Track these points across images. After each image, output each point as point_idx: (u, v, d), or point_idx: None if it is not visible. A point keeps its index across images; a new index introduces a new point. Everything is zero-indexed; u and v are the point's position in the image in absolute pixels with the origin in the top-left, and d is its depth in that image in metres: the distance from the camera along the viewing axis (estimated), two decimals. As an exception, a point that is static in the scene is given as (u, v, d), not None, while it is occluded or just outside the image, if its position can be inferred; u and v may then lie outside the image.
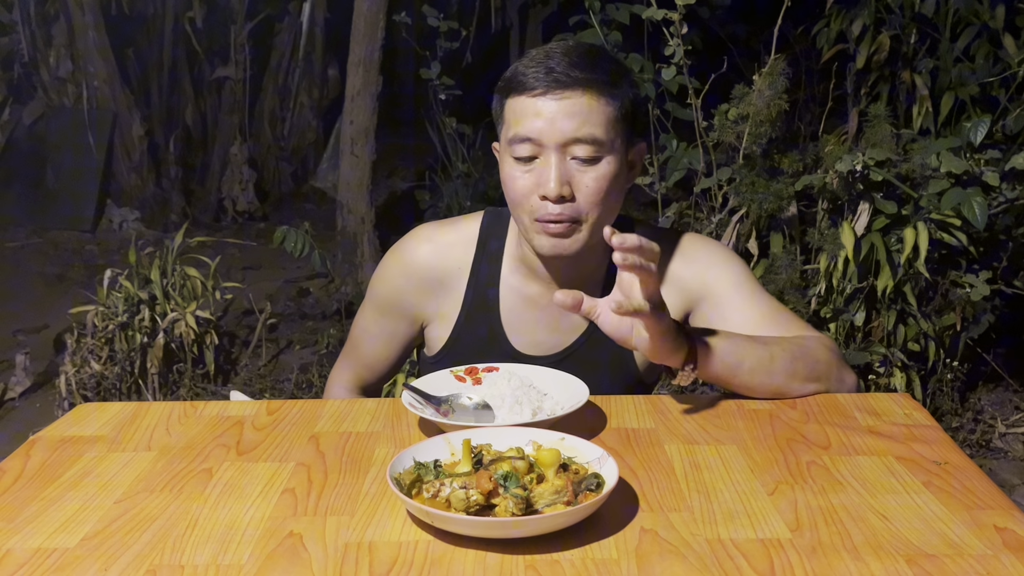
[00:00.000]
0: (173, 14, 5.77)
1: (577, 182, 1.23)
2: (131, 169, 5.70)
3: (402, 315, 1.44)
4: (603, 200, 1.24)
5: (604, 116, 1.23)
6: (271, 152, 6.30)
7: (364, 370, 1.53)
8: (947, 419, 2.95)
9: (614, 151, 1.24)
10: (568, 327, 1.38)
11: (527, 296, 1.38)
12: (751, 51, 3.98)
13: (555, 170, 1.22)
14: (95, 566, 0.85)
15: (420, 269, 1.40)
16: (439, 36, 4.52)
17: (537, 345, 1.39)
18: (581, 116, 1.22)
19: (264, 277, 4.82)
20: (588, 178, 1.23)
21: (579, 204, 1.24)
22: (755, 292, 1.35)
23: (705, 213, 3.20)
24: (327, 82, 6.35)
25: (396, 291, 1.43)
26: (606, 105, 1.23)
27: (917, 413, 1.19)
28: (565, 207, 1.23)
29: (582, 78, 1.22)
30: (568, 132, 1.22)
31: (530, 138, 1.23)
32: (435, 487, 0.90)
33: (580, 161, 1.23)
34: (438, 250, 1.40)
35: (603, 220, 1.26)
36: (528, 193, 1.25)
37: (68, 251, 5.25)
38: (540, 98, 1.22)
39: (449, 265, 1.40)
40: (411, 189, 5.84)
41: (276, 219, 5.82)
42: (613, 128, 1.24)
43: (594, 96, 1.22)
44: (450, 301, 1.40)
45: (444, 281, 1.40)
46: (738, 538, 0.88)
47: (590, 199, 1.24)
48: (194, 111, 6.05)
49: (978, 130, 2.70)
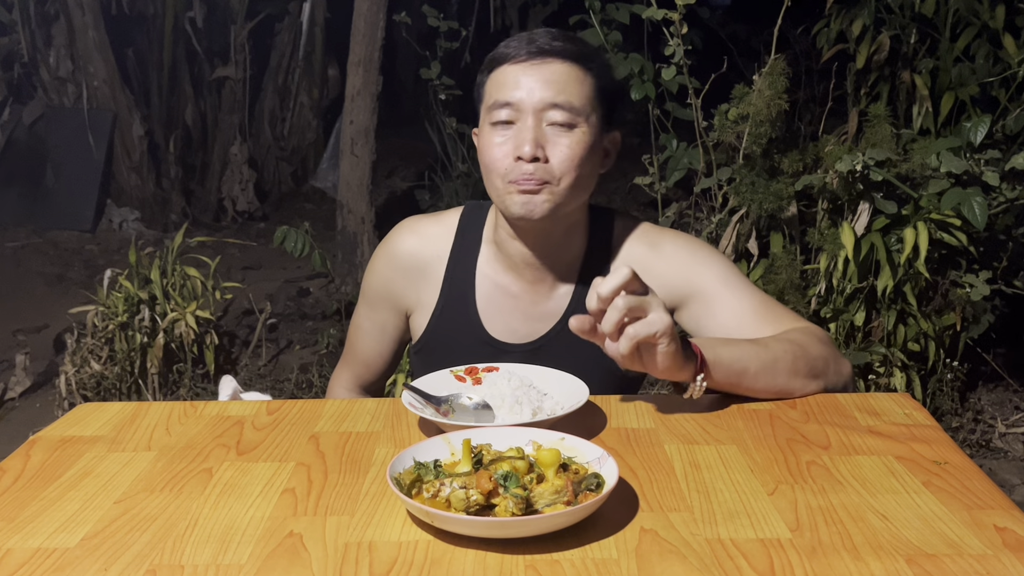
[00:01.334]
0: (173, 14, 5.77)
1: (552, 145, 1.27)
2: (131, 169, 5.70)
3: (390, 306, 1.48)
4: (576, 167, 1.28)
5: (581, 86, 1.28)
6: (271, 152, 6.30)
7: (362, 368, 1.55)
8: (947, 419, 2.95)
9: (589, 124, 1.29)
10: (542, 315, 1.40)
11: (502, 285, 1.41)
12: (751, 51, 3.98)
13: (532, 131, 1.26)
14: (95, 566, 0.85)
15: (404, 258, 1.44)
16: (439, 36, 4.52)
17: (512, 332, 1.41)
18: (559, 83, 1.26)
19: (264, 277, 4.82)
20: (563, 143, 1.27)
21: (552, 166, 1.27)
22: (742, 286, 1.35)
23: (705, 213, 3.20)
24: (327, 82, 6.36)
25: (383, 282, 1.47)
26: (584, 78, 1.28)
27: (917, 413, 1.19)
28: (538, 168, 1.26)
29: (562, 48, 1.28)
30: (547, 97, 1.26)
31: (509, 103, 1.27)
32: (435, 487, 0.90)
33: (556, 126, 1.27)
34: (420, 240, 1.44)
35: (574, 187, 1.29)
36: (504, 156, 1.28)
37: (68, 251, 5.25)
38: (520, 64, 1.28)
39: (430, 254, 1.43)
40: (411, 189, 5.85)
41: (276, 219, 5.83)
42: (590, 102, 1.29)
43: (572, 66, 1.28)
44: (429, 289, 1.44)
45: (425, 270, 1.44)
46: (738, 538, 0.88)
47: (564, 163, 1.27)
48: (194, 111, 6.05)
49: (978, 130, 2.70)
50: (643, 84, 3.05)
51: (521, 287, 1.40)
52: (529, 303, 1.40)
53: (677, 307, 1.37)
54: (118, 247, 5.24)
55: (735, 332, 1.30)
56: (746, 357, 1.19)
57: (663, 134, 3.18)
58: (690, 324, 1.37)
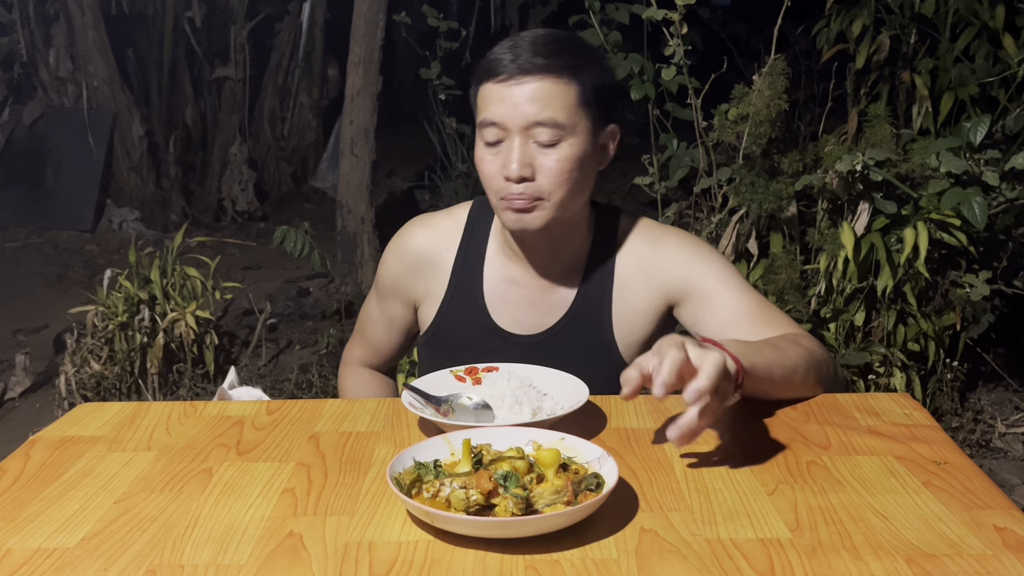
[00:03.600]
0: (173, 14, 5.77)
1: (539, 163, 1.28)
2: (131, 169, 5.70)
3: (399, 299, 1.51)
4: (565, 181, 1.29)
5: (565, 101, 1.27)
6: (271, 152, 6.29)
7: (370, 353, 1.61)
8: (947, 419, 2.95)
9: (576, 134, 1.29)
10: (549, 307, 1.42)
11: (509, 276, 1.43)
12: (751, 51, 3.97)
13: (517, 152, 1.27)
14: (95, 566, 0.85)
15: (414, 251, 1.47)
16: (439, 36, 4.52)
17: (519, 323, 1.42)
18: (541, 101, 1.26)
19: (264, 277, 4.82)
20: (550, 160, 1.28)
21: (540, 184, 1.28)
22: (741, 287, 1.36)
23: (705, 213, 3.20)
24: (327, 82, 6.35)
25: (393, 275, 1.50)
26: (567, 90, 1.27)
27: (917, 413, 1.19)
28: (527, 187, 1.28)
29: (543, 64, 1.27)
30: (529, 116, 1.26)
31: (495, 122, 1.29)
32: (435, 487, 0.90)
33: (542, 144, 1.28)
34: (431, 234, 1.47)
35: (568, 198, 1.31)
36: (495, 175, 1.30)
37: (68, 251, 5.25)
38: (504, 84, 1.28)
39: (439, 247, 1.46)
40: (411, 189, 5.84)
41: (276, 219, 5.82)
42: (576, 112, 1.28)
43: (555, 81, 1.27)
44: (438, 281, 1.46)
45: (434, 261, 1.46)
46: (738, 538, 0.88)
47: (552, 180, 1.28)
48: (194, 111, 6.05)
49: (978, 130, 2.70)
50: (643, 84, 3.05)
51: (528, 279, 1.42)
52: (536, 294, 1.42)
53: (676, 303, 1.39)
54: (118, 247, 5.23)
55: (731, 331, 1.30)
56: (771, 363, 1.16)
57: (663, 134, 3.18)
58: (688, 321, 1.39)
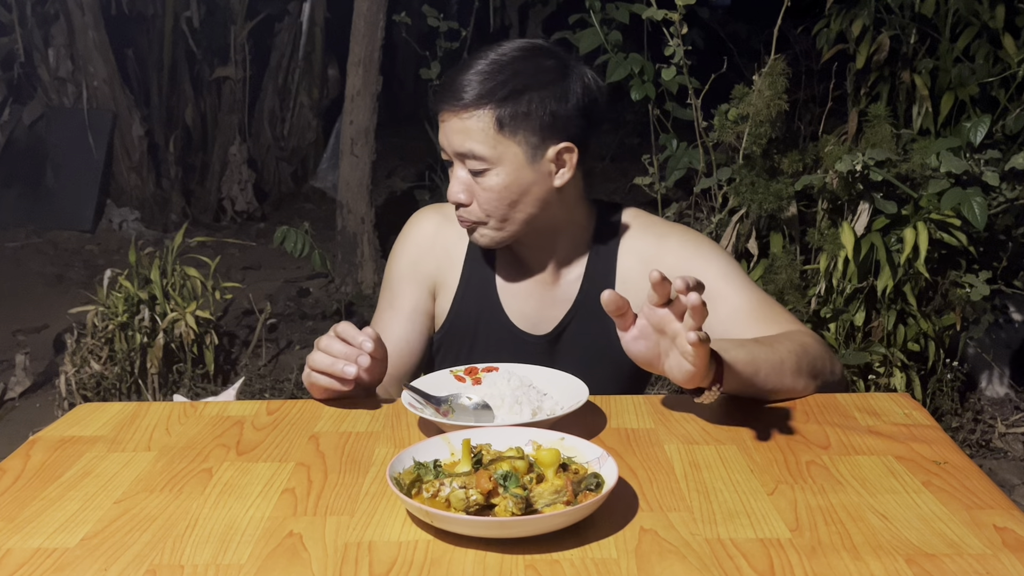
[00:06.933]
0: (173, 14, 5.77)
1: (475, 190, 1.34)
2: (131, 169, 5.70)
3: (418, 284, 1.48)
4: (498, 206, 1.33)
5: (487, 133, 1.29)
6: (271, 152, 6.29)
7: None
8: (947, 419, 2.95)
9: (503, 163, 1.31)
10: (555, 301, 1.44)
11: (519, 269, 1.46)
12: (751, 51, 3.97)
13: (453, 179, 1.34)
14: (95, 566, 0.85)
15: (429, 235, 1.49)
16: (439, 36, 4.52)
17: (529, 318, 1.45)
18: (464, 133, 1.30)
19: (264, 277, 4.82)
20: (481, 187, 1.33)
21: (475, 209, 1.34)
22: (744, 284, 1.37)
23: (705, 213, 3.20)
24: (327, 82, 6.35)
25: (410, 259, 1.49)
26: (490, 119, 1.29)
27: (917, 413, 1.19)
28: (464, 211, 1.35)
29: (471, 97, 1.29)
30: (455, 146, 1.32)
31: (443, 148, 1.35)
32: (435, 487, 0.90)
33: (473, 172, 1.33)
34: (443, 220, 1.49)
35: (512, 218, 1.34)
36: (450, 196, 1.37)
37: (68, 251, 5.25)
38: (441, 114, 1.33)
39: (451, 235, 1.48)
40: (411, 189, 5.84)
41: (276, 219, 5.82)
42: (500, 142, 1.30)
43: (479, 114, 1.29)
44: (452, 272, 1.48)
45: (448, 249, 1.48)
46: (738, 538, 0.88)
47: (485, 206, 1.34)
48: (194, 111, 6.05)
49: (978, 130, 2.70)
50: (643, 84, 3.05)
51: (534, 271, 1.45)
52: (546, 281, 1.45)
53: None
54: (118, 247, 5.23)
55: (732, 328, 1.30)
56: (757, 359, 1.17)
57: (663, 134, 3.18)
58: None
